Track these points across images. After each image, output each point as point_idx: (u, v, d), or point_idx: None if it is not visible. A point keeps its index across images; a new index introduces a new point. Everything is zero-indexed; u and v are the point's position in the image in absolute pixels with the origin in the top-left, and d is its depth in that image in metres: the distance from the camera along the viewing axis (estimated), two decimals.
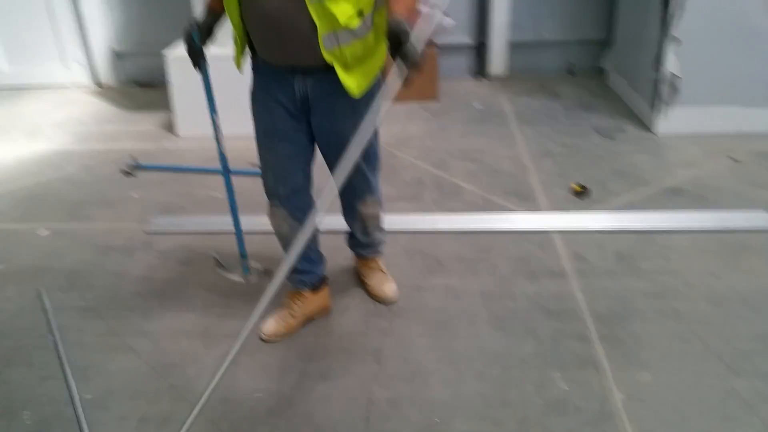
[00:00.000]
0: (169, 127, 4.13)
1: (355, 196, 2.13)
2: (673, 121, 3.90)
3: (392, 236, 2.88)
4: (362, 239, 2.35)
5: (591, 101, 4.55)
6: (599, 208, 3.13)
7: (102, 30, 4.98)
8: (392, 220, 2.97)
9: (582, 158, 3.68)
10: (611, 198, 3.22)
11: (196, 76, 2.07)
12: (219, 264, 2.34)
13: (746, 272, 2.58)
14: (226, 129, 2.20)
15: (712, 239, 2.82)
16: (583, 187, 3.26)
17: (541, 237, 2.89)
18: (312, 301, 2.28)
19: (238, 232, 2.38)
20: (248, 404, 1.95)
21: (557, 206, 3.16)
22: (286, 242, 2.10)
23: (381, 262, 2.51)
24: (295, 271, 2.14)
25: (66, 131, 4.27)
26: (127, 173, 3.50)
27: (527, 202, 3.22)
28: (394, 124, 4.26)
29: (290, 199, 2.04)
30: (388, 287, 2.43)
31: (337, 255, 2.62)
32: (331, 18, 1.65)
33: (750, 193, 3.21)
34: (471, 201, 3.24)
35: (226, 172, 2.27)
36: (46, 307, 2.38)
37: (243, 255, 2.38)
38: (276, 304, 2.26)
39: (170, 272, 2.63)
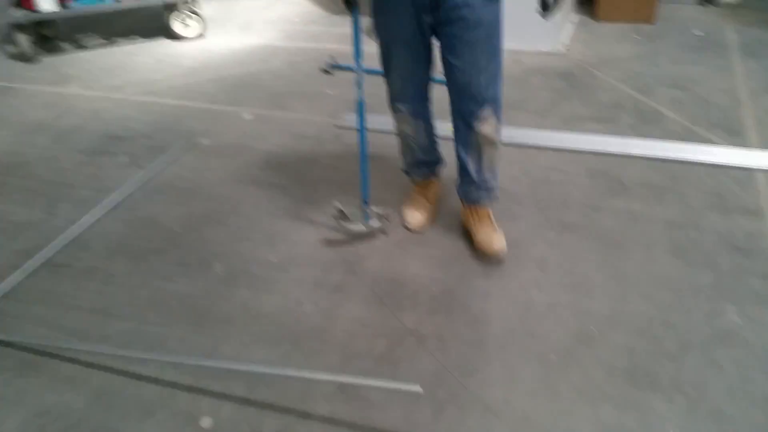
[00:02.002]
0: (369, 31, 4.27)
1: (472, 105, 1.97)
2: None
3: (575, 155, 2.81)
4: (475, 176, 2.14)
5: None
6: None
7: None
8: (578, 139, 2.90)
9: None
10: None
11: None
12: (342, 215, 2.18)
13: None
14: None
15: None
16: None
17: (743, 174, 2.64)
18: (438, 185, 2.47)
19: (364, 176, 2.25)
20: (412, 287, 2.06)
21: (765, 145, 2.86)
22: (408, 143, 2.27)
23: (491, 213, 2.26)
24: (423, 164, 2.35)
25: (275, 28, 4.59)
26: (326, 71, 3.73)
27: (734, 137, 2.94)
28: (598, 44, 4.06)
29: (414, 99, 2.14)
30: (497, 240, 2.15)
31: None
32: None
33: None
34: (671, 129, 3.03)
35: (361, 119, 2.25)
36: None
37: (365, 201, 2.24)
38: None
39: (352, 164, 2.78)
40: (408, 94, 2.13)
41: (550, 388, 1.67)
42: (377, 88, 2.30)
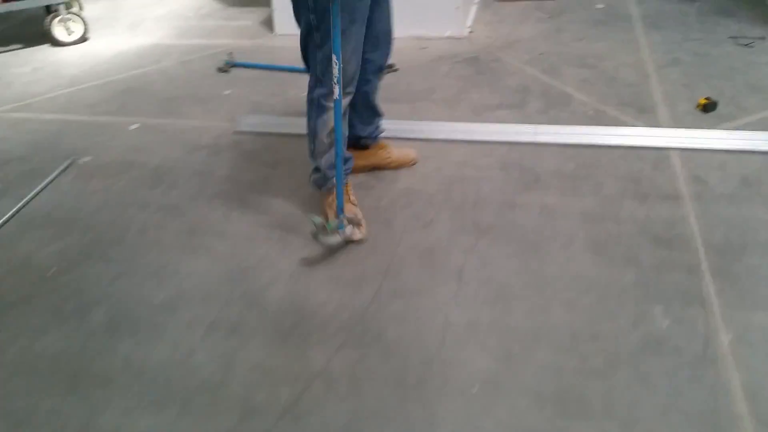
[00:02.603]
0: (269, 24, 4.01)
1: (387, 52, 2.24)
2: None
3: (488, 147, 2.68)
4: (380, 110, 2.41)
5: (730, 6, 4.01)
6: (727, 125, 2.76)
7: None
8: (489, 130, 2.76)
9: (713, 69, 3.25)
10: (741, 114, 2.83)
11: None
12: (322, 229, 2.05)
13: None
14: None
15: None
16: (710, 100, 2.87)
17: (657, 155, 2.58)
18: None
19: (339, 183, 2.09)
20: (320, 317, 1.87)
21: (679, 122, 2.81)
22: (332, 134, 2.07)
23: None
24: (345, 161, 2.19)
25: (167, 25, 4.26)
26: (222, 70, 3.46)
27: (645, 114, 2.89)
28: (502, 25, 3.94)
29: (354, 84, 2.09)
30: (408, 151, 2.57)
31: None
32: None
33: None
34: (581, 112, 2.94)
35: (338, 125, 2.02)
36: None
37: (340, 209, 2.10)
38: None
39: (254, 174, 2.56)
40: (355, 77, 2.07)
41: (474, 427, 1.53)
42: (280, 87, 2.08)
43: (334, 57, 1.84)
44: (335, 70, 1.85)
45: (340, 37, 1.84)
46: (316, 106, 2.06)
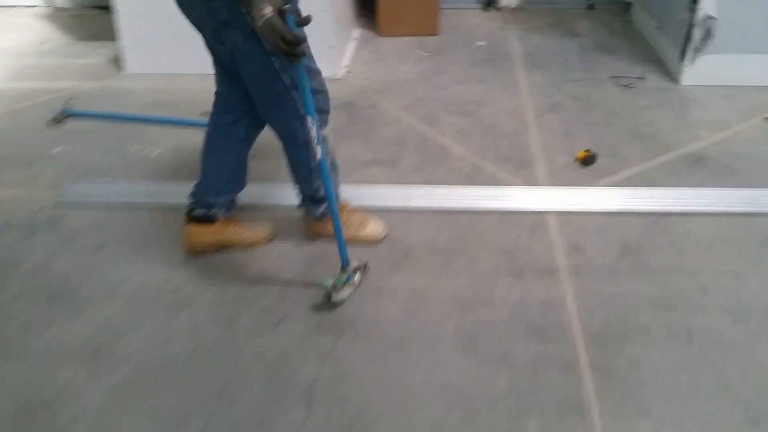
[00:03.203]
0: (118, 62, 3.58)
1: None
2: (702, 71, 3.31)
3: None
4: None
5: (611, 42, 3.93)
6: (607, 180, 2.61)
7: None
8: (360, 194, 2.48)
9: (594, 114, 3.13)
10: (621, 167, 2.69)
11: None
12: (332, 288, 1.96)
13: None
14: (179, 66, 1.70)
15: (738, 226, 2.33)
16: (589, 153, 2.72)
17: (535, 219, 2.39)
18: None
19: (338, 231, 1.92)
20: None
21: (557, 178, 2.64)
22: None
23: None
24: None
25: None
26: (55, 121, 3.02)
27: (523, 170, 2.70)
28: (381, 64, 3.69)
29: None
30: (373, 225, 2.28)
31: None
32: None
33: None
34: (457, 168, 2.72)
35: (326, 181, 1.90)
36: None
37: (344, 264, 1.99)
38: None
39: (71, 263, 2.17)
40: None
41: None
42: (120, 142, 1.71)
43: (309, 119, 1.72)
44: (313, 132, 1.73)
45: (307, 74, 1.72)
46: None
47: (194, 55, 2.22)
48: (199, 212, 2.10)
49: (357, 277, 2.05)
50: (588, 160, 2.70)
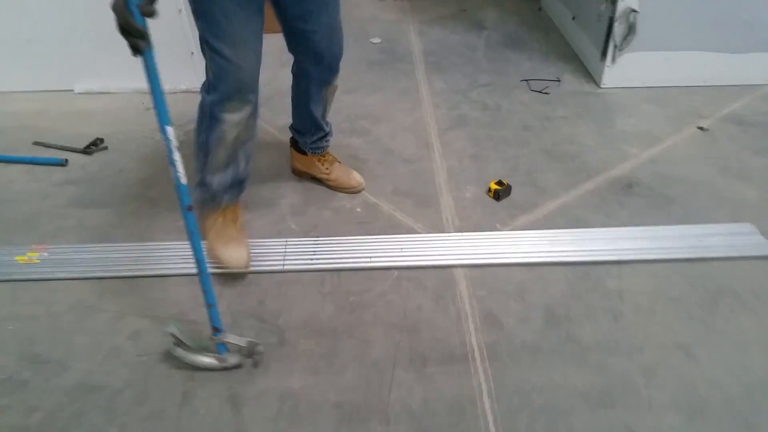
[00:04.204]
0: None
1: (332, 69, 2.00)
2: (624, 71, 2.94)
3: (246, 285, 1.89)
4: (324, 126, 2.19)
5: (521, 35, 3.50)
6: (523, 221, 2.19)
7: None
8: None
9: (506, 129, 2.69)
10: (540, 200, 2.28)
11: None
12: (180, 342, 1.60)
13: (735, 346, 1.72)
14: None
15: (681, 277, 1.96)
16: (503, 185, 2.28)
17: (441, 278, 1.95)
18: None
19: (206, 284, 1.51)
20: None
21: (466, 218, 2.20)
22: (233, 153, 1.85)
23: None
24: (240, 181, 1.95)
25: None
26: None
27: (426, 208, 2.24)
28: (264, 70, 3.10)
29: (256, 90, 1.78)
30: (354, 175, 2.30)
31: None
32: None
33: (726, 188, 2.33)
34: (347, 210, 2.22)
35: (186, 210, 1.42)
36: None
37: (217, 328, 1.57)
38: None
39: None
40: (251, 83, 1.75)
41: None
42: None
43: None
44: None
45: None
46: (207, 116, 1.76)
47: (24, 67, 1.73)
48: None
49: (233, 359, 1.64)
50: (501, 194, 2.26)
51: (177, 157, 1.35)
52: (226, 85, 1.69)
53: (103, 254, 2.01)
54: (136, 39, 1.22)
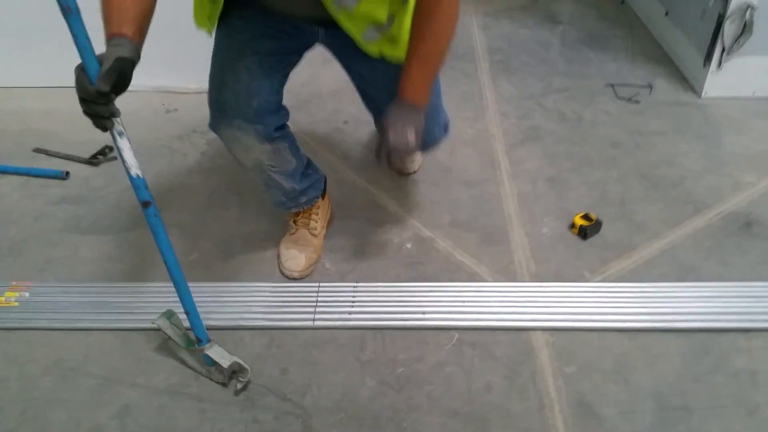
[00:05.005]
0: None
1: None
2: (733, 78, 2.43)
3: (243, 334, 1.48)
4: None
5: (602, 31, 3.01)
6: (618, 268, 1.74)
7: None
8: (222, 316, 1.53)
9: (589, 145, 2.24)
10: (638, 240, 1.83)
11: None
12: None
13: None
14: None
15: None
16: (591, 220, 1.82)
17: (514, 344, 1.53)
18: (325, 206, 1.81)
19: (181, 290, 1.30)
20: None
21: (544, 262, 1.75)
22: (262, 174, 1.54)
23: None
24: (300, 194, 1.65)
25: None
26: None
27: (492, 247, 1.81)
28: (302, 68, 2.70)
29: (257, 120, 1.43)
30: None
31: None
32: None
33: None
34: (393, 246, 1.81)
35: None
36: None
37: (199, 338, 1.37)
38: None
39: None
40: (234, 106, 1.42)
41: None
42: None
43: None
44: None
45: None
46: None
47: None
48: None
49: (219, 374, 1.40)
50: (589, 231, 1.81)
51: (124, 144, 1.09)
52: (209, 100, 1.46)
53: (95, 297, 1.63)
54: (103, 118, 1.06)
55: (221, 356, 1.36)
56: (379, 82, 1.50)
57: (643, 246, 1.80)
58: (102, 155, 2.14)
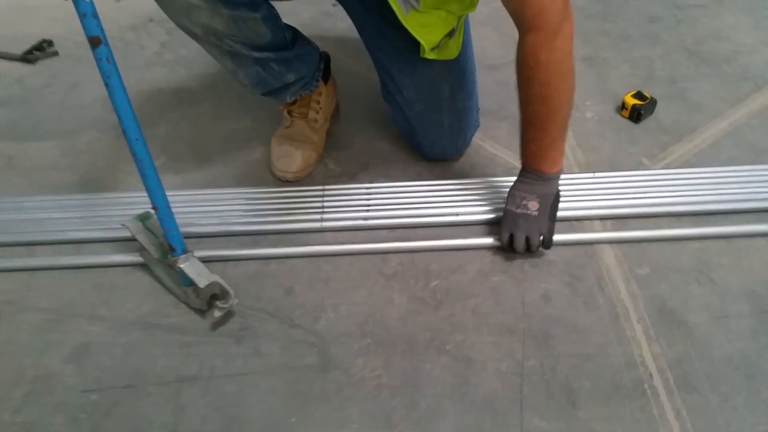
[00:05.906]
0: None
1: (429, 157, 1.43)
2: None
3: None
4: None
5: None
6: (678, 152, 1.45)
7: None
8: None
9: (623, 19, 1.91)
10: (696, 120, 1.54)
11: None
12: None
13: None
14: None
15: None
16: (644, 99, 1.51)
17: (570, 244, 1.20)
18: (328, 93, 1.44)
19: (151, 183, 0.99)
20: None
21: (591, 148, 1.47)
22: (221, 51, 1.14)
23: None
24: (292, 84, 1.27)
25: None
26: None
27: None
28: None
29: None
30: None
31: None
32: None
33: None
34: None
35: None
36: None
37: (171, 246, 1.05)
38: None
39: None
40: None
41: None
42: None
43: None
44: None
45: None
46: None
47: None
48: None
49: (196, 299, 1.09)
50: (643, 111, 1.50)
51: None
52: None
53: (38, 212, 1.28)
54: None
55: (198, 273, 1.03)
56: (392, 52, 1.27)
57: (705, 127, 1.50)
58: (39, 50, 1.75)
